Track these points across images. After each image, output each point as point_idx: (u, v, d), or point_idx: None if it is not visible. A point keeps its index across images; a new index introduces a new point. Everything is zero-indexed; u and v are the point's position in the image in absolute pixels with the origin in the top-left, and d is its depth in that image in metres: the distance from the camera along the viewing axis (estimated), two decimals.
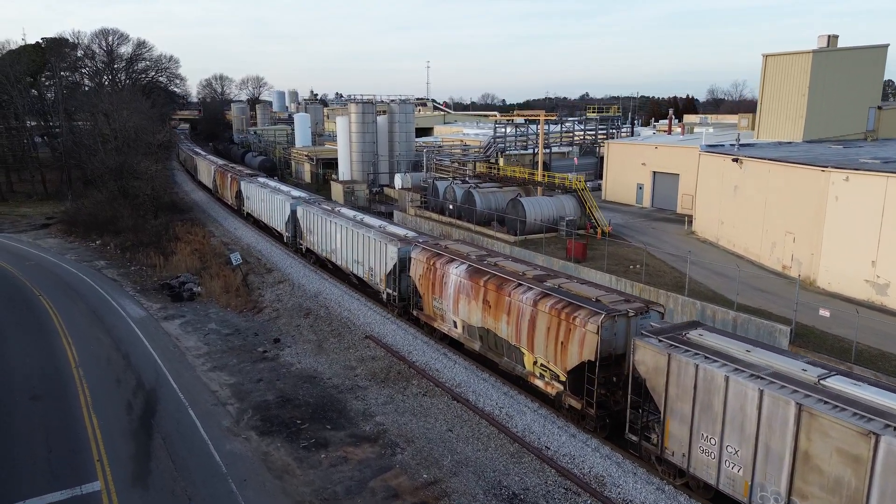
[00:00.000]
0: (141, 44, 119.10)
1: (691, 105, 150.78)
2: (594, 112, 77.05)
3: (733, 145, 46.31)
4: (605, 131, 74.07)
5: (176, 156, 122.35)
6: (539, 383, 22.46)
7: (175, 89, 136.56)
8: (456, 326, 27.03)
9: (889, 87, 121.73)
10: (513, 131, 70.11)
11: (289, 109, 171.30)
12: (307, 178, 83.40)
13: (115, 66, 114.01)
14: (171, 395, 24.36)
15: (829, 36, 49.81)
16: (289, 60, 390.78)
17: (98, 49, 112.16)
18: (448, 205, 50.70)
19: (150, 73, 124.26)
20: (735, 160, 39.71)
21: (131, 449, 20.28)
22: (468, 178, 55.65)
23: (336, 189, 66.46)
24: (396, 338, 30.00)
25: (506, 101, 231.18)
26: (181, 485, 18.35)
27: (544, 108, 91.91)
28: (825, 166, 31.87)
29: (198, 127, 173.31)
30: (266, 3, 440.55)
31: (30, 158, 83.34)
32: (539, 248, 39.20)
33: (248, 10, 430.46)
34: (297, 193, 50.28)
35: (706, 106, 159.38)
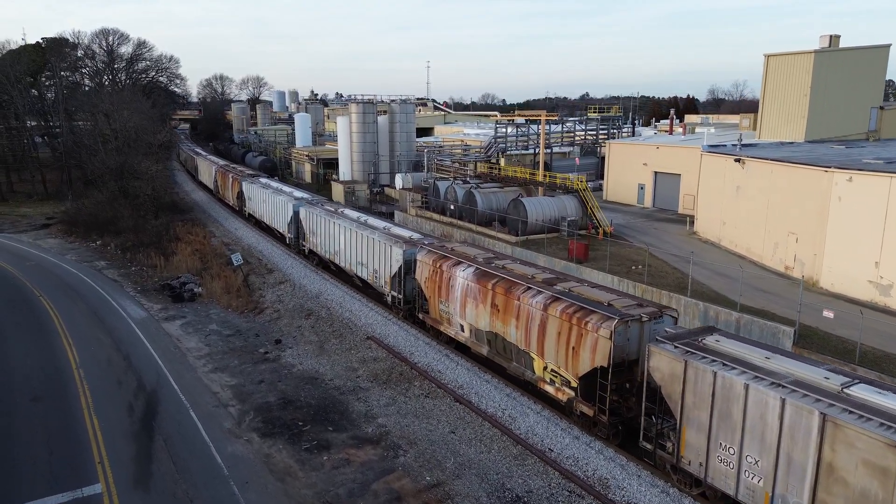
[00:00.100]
0: (141, 44, 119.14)
1: (692, 105, 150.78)
2: (595, 112, 76.95)
3: (735, 145, 46.18)
4: (605, 131, 73.97)
5: (176, 156, 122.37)
6: (549, 389, 22.12)
7: (175, 89, 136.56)
8: (463, 330, 26.72)
9: (891, 87, 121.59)
10: (514, 131, 69.96)
11: (289, 109, 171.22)
12: (308, 179, 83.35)
13: (116, 66, 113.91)
14: (172, 396, 24.28)
15: (830, 36, 49.71)
16: (289, 60, 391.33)
17: (98, 49, 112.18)
18: (449, 205, 50.57)
19: (151, 73, 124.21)
20: (737, 160, 39.61)
21: (132, 451, 20.19)
22: (469, 179, 55.51)
23: (337, 189, 66.39)
24: (398, 339, 29.90)
25: (506, 101, 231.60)
26: (183, 487, 18.27)
27: (544, 108, 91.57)
28: (828, 167, 31.78)
29: (198, 127, 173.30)
30: (266, 3, 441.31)
31: (30, 158, 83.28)
32: (541, 249, 39.10)
33: (248, 10, 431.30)
34: (299, 194, 50.07)
35: (707, 106, 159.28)
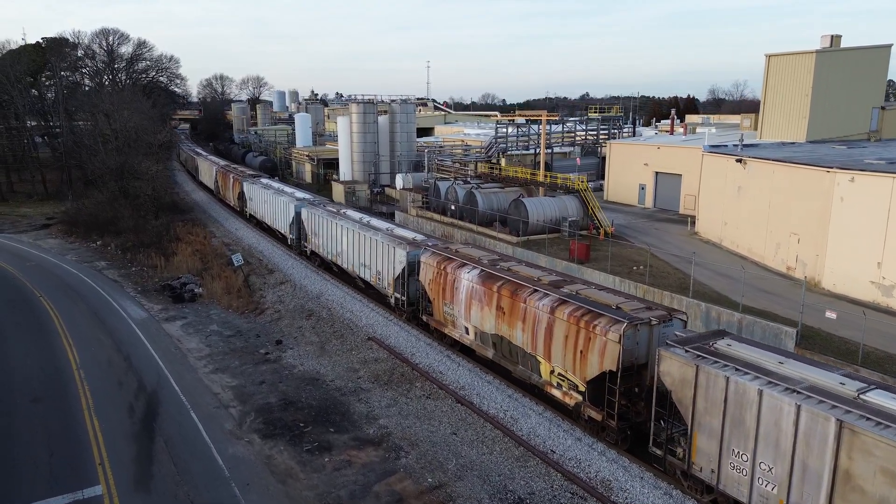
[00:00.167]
0: (141, 44, 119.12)
1: (692, 105, 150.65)
2: (596, 112, 76.88)
3: (736, 146, 46.07)
4: (606, 131, 73.91)
5: (176, 156, 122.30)
6: (556, 393, 21.88)
7: (175, 89, 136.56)
8: (468, 333, 26.50)
9: (892, 87, 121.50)
10: (514, 131, 69.91)
11: (289, 109, 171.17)
12: (308, 179, 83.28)
13: (116, 66, 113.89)
14: (172, 397, 24.21)
15: (832, 36, 49.63)
16: (289, 60, 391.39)
17: (98, 49, 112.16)
18: (450, 205, 50.49)
19: (151, 73, 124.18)
20: (739, 161, 39.53)
21: (133, 452, 20.13)
22: (470, 179, 55.41)
23: (337, 189, 66.30)
24: (399, 340, 29.83)
25: (506, 101, 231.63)
26: (184, 489, 18.20)
27: (545, 108, 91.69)
28: (830, 167, 31.70)
29: (198, 127, 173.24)
30: (266, 3, 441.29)
31: (30, 158, 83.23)
32: (542, 249, 39.03)
33: (248, 10, 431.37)
34: (300, 195, 49.98)
35: (707, 106, 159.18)
